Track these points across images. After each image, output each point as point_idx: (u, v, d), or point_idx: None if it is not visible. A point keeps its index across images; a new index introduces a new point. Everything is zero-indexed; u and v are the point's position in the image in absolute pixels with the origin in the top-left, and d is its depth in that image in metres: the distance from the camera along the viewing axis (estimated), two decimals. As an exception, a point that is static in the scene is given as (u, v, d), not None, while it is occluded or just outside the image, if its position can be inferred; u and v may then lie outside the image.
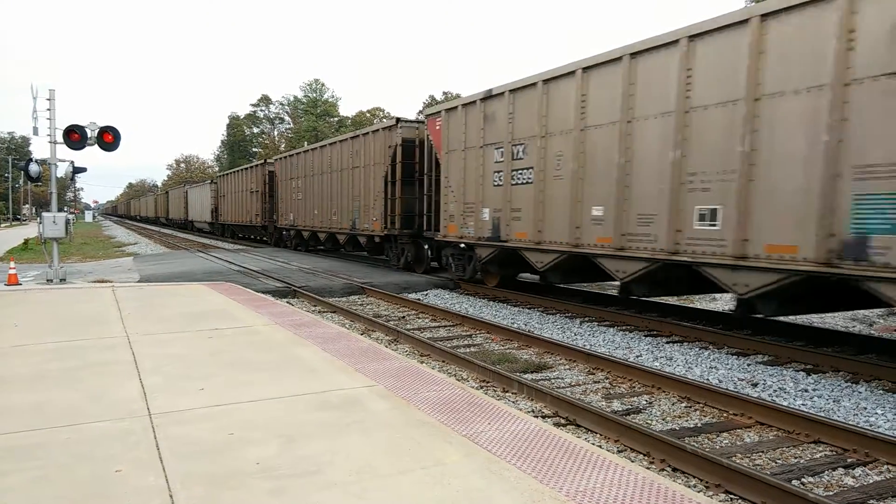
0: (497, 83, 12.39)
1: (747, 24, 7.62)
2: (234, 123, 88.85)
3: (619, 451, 5.07)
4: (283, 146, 78.00)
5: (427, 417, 4.64)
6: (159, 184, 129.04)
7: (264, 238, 31.22)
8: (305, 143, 45.20)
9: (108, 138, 13.88)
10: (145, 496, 3.36)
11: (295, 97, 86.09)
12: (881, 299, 6.63)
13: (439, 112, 14.64)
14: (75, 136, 13.55)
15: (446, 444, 4.12)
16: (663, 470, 4.70)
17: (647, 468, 4.64)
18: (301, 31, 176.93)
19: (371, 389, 5.34)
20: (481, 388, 6.77)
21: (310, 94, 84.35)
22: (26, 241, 29.20)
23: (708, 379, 7.17)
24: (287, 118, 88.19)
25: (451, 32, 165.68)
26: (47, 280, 13.79)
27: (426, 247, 16.49)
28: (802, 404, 6.26)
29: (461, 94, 71.74)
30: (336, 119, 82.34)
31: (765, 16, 7.46)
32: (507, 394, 6.57)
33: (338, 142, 21.71)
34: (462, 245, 13.90)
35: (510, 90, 11.98)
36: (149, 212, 77.79)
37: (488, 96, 12.65)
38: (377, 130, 18.30)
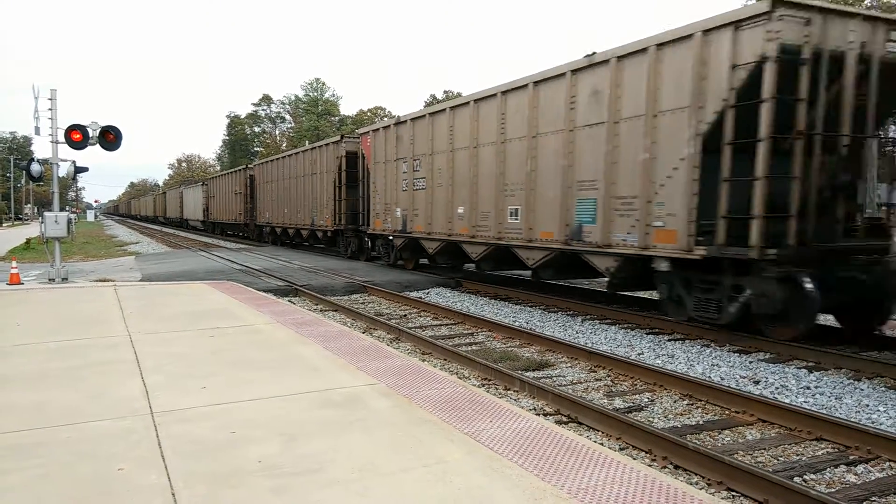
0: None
1: (527, 88, 11.45)
2: (235, 123, 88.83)
3: (621, 449, 5.06)
4: (284, 145, 78.01)
5: (429, 415, 4.64)
6: (161, 183, 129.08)
7: (246, 234, 35.45)
8: (307, 142, 45.75)
9: (110, 138, 13.89)
10: (148, 495, 3.37)
11: (296, 96, 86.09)
12: (591, 265, 10.36)
13: (368, 132, 18.62)
14: (77, 136, 13.56)
15: (448, 442, 4.12)
16: (665, 467, 4.70)
17: (649, 466, 4.63)
18: (302, 30, 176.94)
19: (373, 388, 5.34)
20: (483, 386, 6.77)
21: (311, 94, 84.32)
22: (28, 241, 29.22)
23: (710, 376, 7.16)
24: (288, 117, 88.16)
25: (452, 31, 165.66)
26: (49, 279, 13.81)
27: (367, 239, 20.07)
28: (804, 402, 6.25)
29: (462, 93, 71.72)
30: (337, 118, 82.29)
31: (536, 83, 11.26)
32: (508, 392, 6.57)
33: (301, 152, 25.93)
34: (390, 237, 17.45)
35: (411, 119, 15.78)
36: (148, 211, 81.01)
37: (398, 122, 16.55)
38: (328, 144, 22.65)
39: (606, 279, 10.28)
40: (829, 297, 7.80)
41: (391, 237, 17.20)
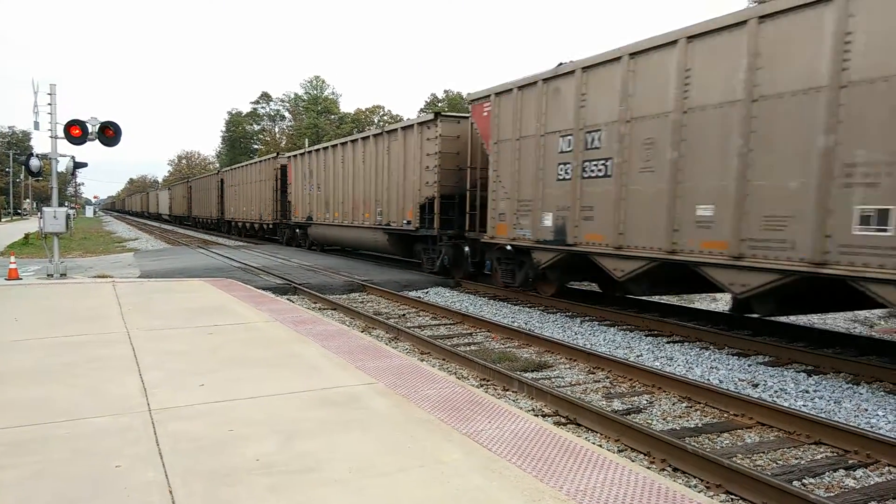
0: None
1: (277, 159, 29.82)
2: (234, 120, 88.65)
3: (620, 451, 5.06)
4: (283, 143, 77.88)
5: (427, 415, 4.62)
6: (160, 180, 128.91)
7: (188, 223, 52.79)
8: (308, 140, 46.66)
9: (109, 133, 13.85)
10: (145, 492, 3.35)
11: (296, 94, 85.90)
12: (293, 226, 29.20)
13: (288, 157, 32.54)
14: (76, 131, 13.51)
15: (446, 443, 4.10)
16: (664, 470, 4.69)
17: (648, 468, 4.62)
18: (302, 27, 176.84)
19: (371, 387, 5.33)
20: (481, 386, 6.76)
21: (311, 91, 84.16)
22: (27, 236, 29.17)
23: (709, 379, 7.16)
24: (288, 115, 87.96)
25: (452, 29, 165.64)
26: (48, 275, 13.78)
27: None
28: (803, 405, 6.25)
29: (462, 92, 71.52)
30: (337, 116, 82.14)
31: (290, 157, 28.38)
32: (507, 392, 6.56)
33: (207, 176, 43.21)
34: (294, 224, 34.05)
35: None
36: (137, 207, 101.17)
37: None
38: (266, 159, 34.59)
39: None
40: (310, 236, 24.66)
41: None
